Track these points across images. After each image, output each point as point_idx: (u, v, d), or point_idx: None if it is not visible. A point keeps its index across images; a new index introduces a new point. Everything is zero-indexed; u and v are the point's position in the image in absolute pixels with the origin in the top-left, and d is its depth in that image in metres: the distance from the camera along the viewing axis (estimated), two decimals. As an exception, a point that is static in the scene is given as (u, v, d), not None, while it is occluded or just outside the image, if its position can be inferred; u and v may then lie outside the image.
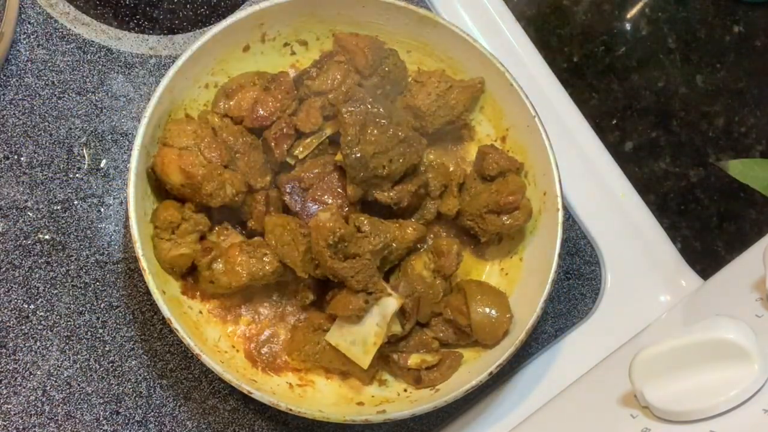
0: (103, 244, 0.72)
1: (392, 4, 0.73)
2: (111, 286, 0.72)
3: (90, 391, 0.70)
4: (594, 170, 0.82)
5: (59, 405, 0.69)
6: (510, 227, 0.71)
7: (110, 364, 0.70)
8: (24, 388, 0.69)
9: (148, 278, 0.64)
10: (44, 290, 0.71)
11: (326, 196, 0.69)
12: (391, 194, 0.69)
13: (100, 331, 0.71)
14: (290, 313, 0.71)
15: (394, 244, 0.68)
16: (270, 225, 0.68)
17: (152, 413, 0.70)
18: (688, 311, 0.72)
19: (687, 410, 0.52)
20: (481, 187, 0.73)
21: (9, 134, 0.73)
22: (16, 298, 0.70)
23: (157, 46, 0.78)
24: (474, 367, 0.69)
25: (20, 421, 0.68)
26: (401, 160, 0.69)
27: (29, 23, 0.75)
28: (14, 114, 0.73)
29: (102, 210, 0.73)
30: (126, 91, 0.76)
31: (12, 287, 0.70)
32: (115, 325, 0.71)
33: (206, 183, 0.67)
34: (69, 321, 0.70)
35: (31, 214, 0.72)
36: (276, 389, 0.68)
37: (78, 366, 0.70)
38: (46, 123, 0.74)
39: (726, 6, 0.94)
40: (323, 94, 0.72)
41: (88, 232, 0.72)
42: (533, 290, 0.70)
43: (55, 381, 0.69)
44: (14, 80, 0.74)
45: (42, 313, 0.70)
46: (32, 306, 0.70)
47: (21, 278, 0.70)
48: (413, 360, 0.69)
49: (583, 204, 0.81)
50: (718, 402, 0.51)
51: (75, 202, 0.73)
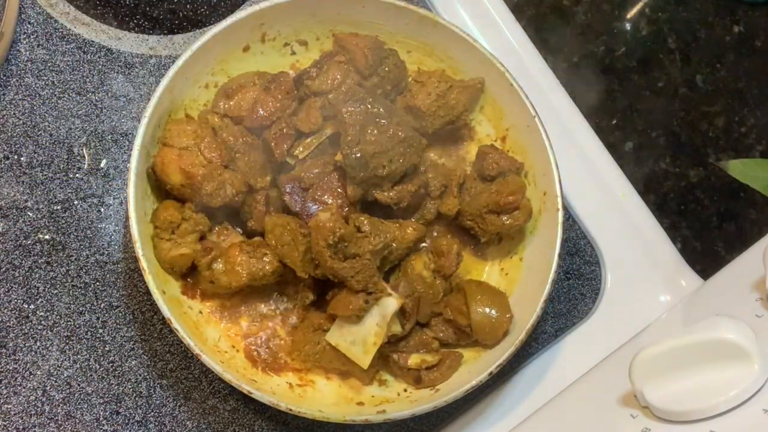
0: (103, 244, 0.72)
1: (392, 4, 0.73)
2: (111, 286, 0.72)
3: (90, 391, 0.70)
4: (594, 170, 0.82)
5: (59, 405, 0.69)
6: (510, 227, 0.71)
7: (110, 364, 0.70)
8: (24, 388, 0.69)
9: (148, 278, 0.64)
10: (44, 290, 0.71)
11: (326, 196, 0.69)
12: (391, 194, 0.69)
13: (100, 331, 0.71)
14: (290, 313, 0.71)
15: (394, 244, 0.68)
16: (270, 225, 0.68)
17: (152, 413, 0.70)
18: (688, 311, 0.72)
19: (687, 410, 0.52)
20: (481, 187, 0.73)
21: (9, 134, 0.73)
22: (16, 298, 0.70)
23: (157, 46, 0.78)
24: (474, 367, 0.69)
25: (20, 421, 0.68)
26: (401, 160, 0.69)
27: (29, 23, 0.75)
28: (14, 114, 0.73)
29: (102, 210, 0.73)
30: (126, 91, 0.76)
31: (12, 287, 0.70)
32: (115, 325, 0.71)
33: (206, 183, 0.67)
34: (69, 321, 0.70)
35: (31, 214, 0.72)
36: (276, 389, 0.68)
37: (78, 366, 0.70)
38: (46, 123, 0.74)
39: (726, 6, 0.94)
40: (323, 94, 0.72)
41: (88, 232, 0.72)
42: (533, 290, 0.70)
43: (55, 381, 0.69)
44: (14, 80, 0.74)
45: (42, 313, 0.70)
46: (32, 306, 0.70)
47: (21, 278, 0.70)
48: (413, 360, 0.69)
49: (583, 204, 0.81)
50: (718, 402, 0.51)
51: (75, 202, 0.73)
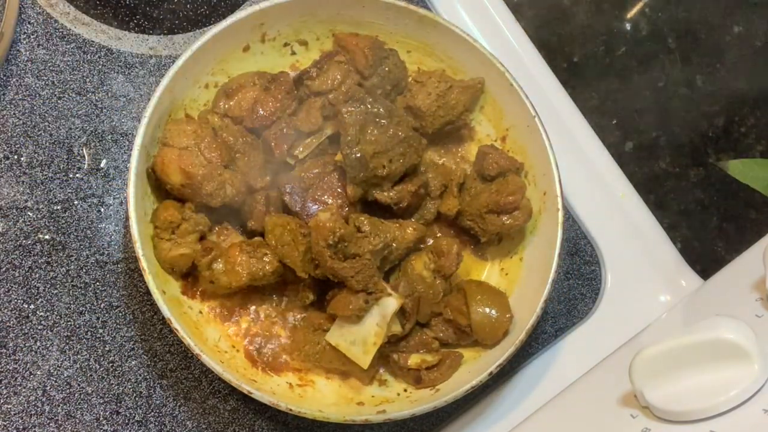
0: (103, 244, 0.72)
1: (392, 4, 0.73)
2: (111, 286, 0.72)
3: (90, 391, 0.70)
4: (594, 170, 0.82)
5: (59, 405, 0.69)
6: (510, 227, 0.71)
7: (110, 364, 0.70)
8: (24, 388, 0.69)
9: (148, 278, 0.64)
10: (44, 290, 0.71)
11: (326, 196, 0.69)
12: (391, 194, 0.69)
13: (100, 331, 0.71)
14: (290, 313, 0.71)
15: (394, 244, 0.68)
16: (270, 225, 0.68)
17: (152, 413, 0.70)
18: (688, 311, 0.72)
19: (687, 410, 0.52)
20: (481, 187, 0.73)
21: (9, 134, 0.73)
22: (16, 298, 0.70)
23: (157, 46, 0.78)
24: (474, 367, 0.69)
25: (20, 421, 0.68)
26: (401, 160, 0.69)
27: (29, 23, 0.75)
28: (14, 114, 0.73)
29: (102, 210, 0.73)
30: (126, 91, 0.76)
31: (12, 287, 0.70)
32: (115, 325, 0.71)
33: (206, 183, 0.67)
34: (69, 321, 0.70)
35: (31, 214, 0.72)
36: (276, 389, 0.68)
37: (78, 366, 0.70)
38: (46, 123, 0.74)
39: (726, 6, 0.94)
40: (323, 94, 0.72)
41: (88, 232, 0.72)
42: (533, 290, 0.70)
43: (55, 381, 0.69)
44: (14, 80, 0.74)
45: (42, 313, 0.70)
46: (32, 306, 0.70)
47: (21, 278, 0.70)
48: (413, 360, 0.69)
49: (583, 204, 0.81)
50: (718, 402, 0.51)
51: (75, 202, 0.73)
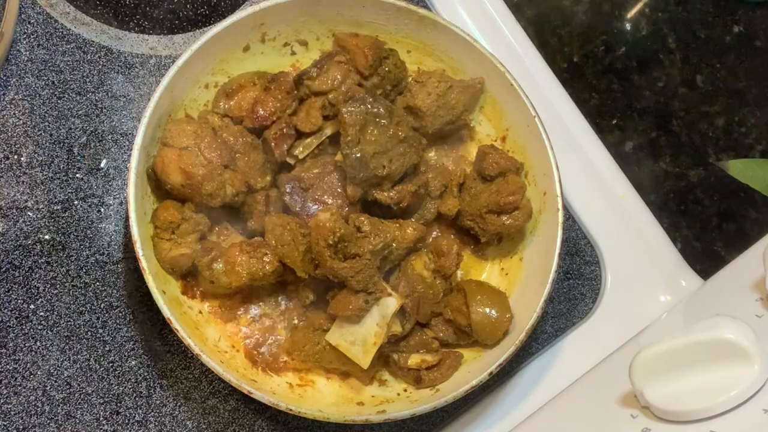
0: (103, 244, 0.72)
1: (392, 4, 0.73)
2: (111, 286, 0.72)
3: (90, 391, 0.70)
4: (594, 170, 0.82)
5: (59, 405, 0.69)
6: (510, 227, 0.71)
7: (110, 364, 0.70)
8: (24, 388, 0.69)
9: (148, 278, 0.63)
10: (44, 290, 0.71)
11: (326, 196, 0.69)
12: (391, 194, 0.69)
13: (100, 331, 0.71)
14: (290, 313, 0.71)
15: (394, 244, 0.68)
16: (270, 225, 0.68)
17: (152, 413, 0.70)
18: (688, 311, 0.72)
19: (687, 410, 0.52)
20: (481, 187, 0.73)
21: (9, 134, 0.73)
22: (16, 298, 0.70)
23: (157, 46, 0.78)
24: (474, 367, 0.69)
25: (20, 421, 0.68)
26: (401, 160, 0.69)
27: (29, 23, 0.75)
28: (14, 114, 0.73)
29: (102, 210, 0.73)
30: (126, 91, 0.76)
31: (12, 287, 0.70)
32: (115, 325, 0.71)
33: (206, 183, 0.67)
34: (69, 321, 0.70)
35: (31, 214, 0.72)
36: (276, 389, 0.68)
37: (78, 366, 0.70)
38: (46, 123, 0.74)
39: (726, 6, 0.94)
40: (323, 94, 0.72)
41: (88, 232, 0.72)
42: (533, 290, 0.70)
43: (55, 381, 0.69)
44: (14, 80, 0.74)
45: (42, 313, 0.70)
46: (32, 306, 0.70)
47: (21, 278, 0.70)
48: (413, 360, 0.69)
49: (583, 204, 0.81)
50: (718, 402, 0.51)
51: (75, 202, 0.73)
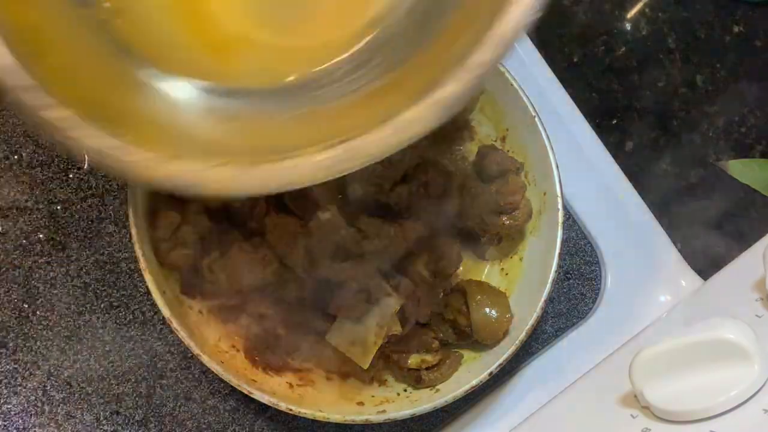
0: (103, 244, 0.72)
1: (392, 4, 0.73)
2: (111, 286, 0.72)
3: (90, 391, 0.70)
4: (594, 170, 0.82)
5: (59, 405, 0.69)
6: (510, 227, 0.71)
7: (110, 364, 0.70)
8: (24, 388, 0.69)
9: (148, 278, 0.63)
10: (44, 290, 0.71)
11: (326, 197, 0.69)
12: (391, 194, 0.69)
13: (100, 331, 0.71)
14: (290, 313, 0.71)
15: (394, 244, 0.68)
16: (270, 225, 0.68)
17: (152, 413, 0.70)
18: (688, 311, 0.72)
19: (687, 410, 0.52)
20: (481, 188, 0.73)
21: (9, 134, 0.73)
22: (16, 298, 0.70)
23: (157, 46, 0.78)
24: (474, 367, 0.69)
25: (20, 421, 0.68)
26: (401, 160, 0.69)
27: (29, 23, 0.75)
28: (14, 114, 0.73)
29: (102, 210, 0.73)
30: (126, 91, 0.76)
31: (12, 287, 0.70)
32: (115, 325, 0.71)
33: (206, 183, 0.67)
34: (69, 321, 0.70)
35: (31, 214, 0.72)
36: (276, 389, 0.67)
37: (78, 366, 0.70)
38: (46, 123, 0.73)
39: (726, 6, 0.94)
40: (323, 94, 0.72)
41: (88, 232, 0.72)
42: (533, 290, 0.69)
43: (55, 381, 0.69)
44: (14, 80, 0.74)
45: (42, 313, 0.70)
46: (32, 306, 0.70)
47: (21, 278, 0.70)
48: (413, 360, 0.69)
49: (583, 204, 0.81)
50: (718, 402, 0.51)
51: (75, 202, 0.73)
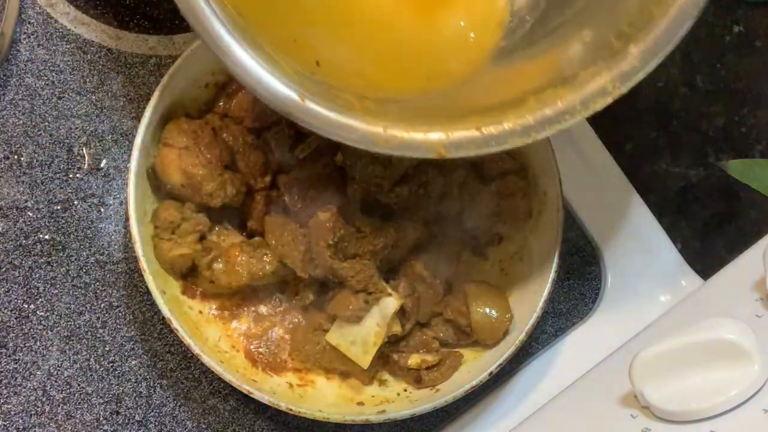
0: (103, 244, 0.72)
1: (392, 4, 0.73)
2: (111, 286, 0.72)
3: (90, 391, 0.70)
4: (594, 170, 0.82)
5: (59, 405, 0.69)
6: (510, 227, 0.71)
7: (110, 364, 0.70)
8: (24, 388, 0.69)
9: (148, 278, 0.64)
10: (44, 290, 0.71)
11: (326, 196, 0.69)
12: (391, 194, 0.69)
13: (100, 331, 0.71)
14: (290, 313, 0.71)
15: (394, 244, 0.68)
16: (270, 225, 0.68)
17: (152, 413, 0.70)
18: (688, 311, 0.72)
19: (687, 410, 0.52)
20: (481, 188, 0.73)
21: (9, 134, 0.73)
22: (16, 298, 0.70)
23: (157, 46, 0.78)
24: (474, 367, 0.69)
25: (20, 421, 0.68)
26: (401, 161, 0.69)
27: (29, 23, 0.75)
28: (14, 114, 0.73)
29: (102, 210, 0.73)
30: (126, 91, 0.76)
31: (12, 287, 0.70)
32: (115, 325, 0.71)
33: (206, 183, 0.67)
34: (69, 321, 0.70)
35: (31, 214, 0.72)
36: (276, 389, 0.68)
37: (78, 366, 0.70)
38: (46, 123, 0.74)
39: (726, 6, 0.94)
40: (323, 94, 0.72)
41: (88, 232, 0.72)
42: (533, 290, 0.70)
43: (55, 381, 0.69)
44: (14, 80, 0.74)
45: (42, 313, 0.70)
46: (32, 306, 0.70)
47: (21, 278, 0.70)
48: (413, 360, 0.69)
49: (583, 204, 0.81)
50: (718, 402, 0.51)
51: (75, 202, 0.73)
